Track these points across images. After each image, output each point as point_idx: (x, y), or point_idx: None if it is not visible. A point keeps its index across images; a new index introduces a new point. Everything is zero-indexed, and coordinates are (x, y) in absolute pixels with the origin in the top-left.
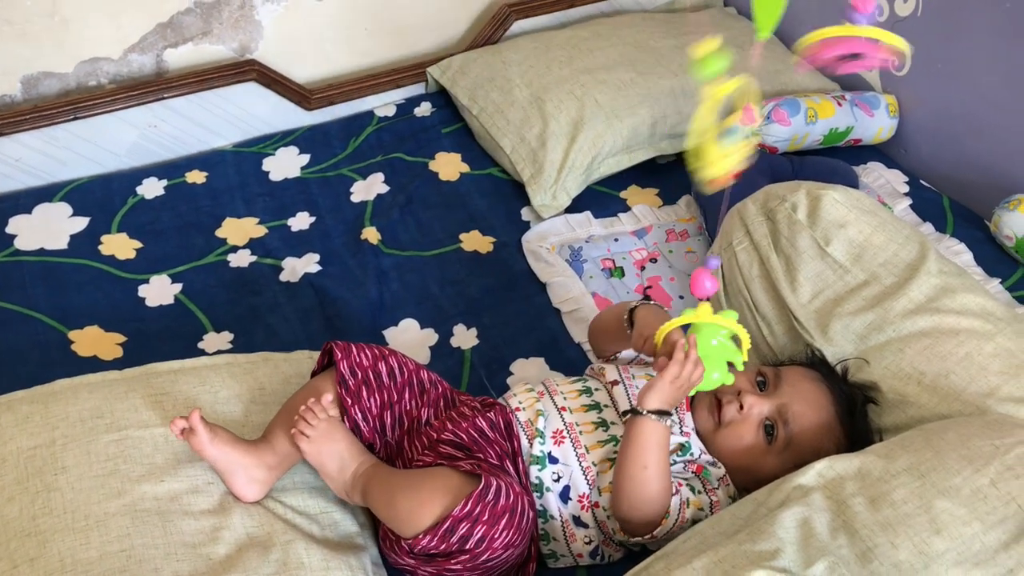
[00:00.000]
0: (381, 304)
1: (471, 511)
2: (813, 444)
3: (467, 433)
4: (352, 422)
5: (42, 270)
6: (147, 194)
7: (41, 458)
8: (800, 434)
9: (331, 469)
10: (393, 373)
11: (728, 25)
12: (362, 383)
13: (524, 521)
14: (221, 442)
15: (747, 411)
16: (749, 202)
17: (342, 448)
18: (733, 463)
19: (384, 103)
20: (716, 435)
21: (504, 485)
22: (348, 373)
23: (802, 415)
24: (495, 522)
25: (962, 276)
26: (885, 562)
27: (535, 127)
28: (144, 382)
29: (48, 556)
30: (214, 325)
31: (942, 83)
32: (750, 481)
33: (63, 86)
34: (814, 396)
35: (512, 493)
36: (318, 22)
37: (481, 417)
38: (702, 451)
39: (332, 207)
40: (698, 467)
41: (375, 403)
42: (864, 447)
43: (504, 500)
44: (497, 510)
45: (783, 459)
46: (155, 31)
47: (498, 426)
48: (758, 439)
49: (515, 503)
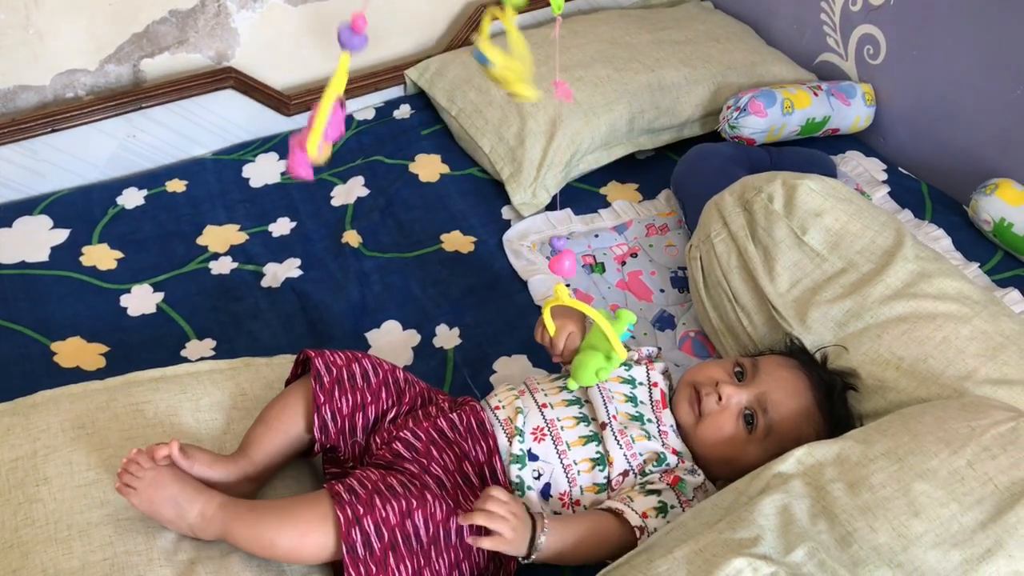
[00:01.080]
0: (363, 307)
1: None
2: (793, 431)
3: (426, 433)
4: (321, 421)
5: (23, 283)
6: (127, 204)
7: (23, 470)
8: (780, 422)
9: (167, 515)
10: (367, 374)
11: (704, 19)
12: (335, 381)
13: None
14: (201, 466)
15: (726, 401)
16: (726, 193)
17: (175, 492)
18: (714, 455)
19: (363, 107)
20: (696, 427)
21: (372, 525)
22: (323, 369)
23: (781, 403)
24: (384, 566)
25: (939, 261)
26: (864, 546)
27: (513, 126)
28: (126, 391)
29: (31, 567)
30: (196, 333)
31: (918, 70)
32: (733, 472)
33: (40, 99)
34: (792, 384)
35: (386, 529)
36: (294, 28)
37: (443, 418)
38: (681, 458)
39: (313, 212)
40: (674, 478)
41: (347, 403)
42: (845, 433)
43: (378, 543)
44: (377, 555)
45: (764, 447)
46: (131, 41)
47: (464, 425)
48: (738, 429)
49: (393, 537)
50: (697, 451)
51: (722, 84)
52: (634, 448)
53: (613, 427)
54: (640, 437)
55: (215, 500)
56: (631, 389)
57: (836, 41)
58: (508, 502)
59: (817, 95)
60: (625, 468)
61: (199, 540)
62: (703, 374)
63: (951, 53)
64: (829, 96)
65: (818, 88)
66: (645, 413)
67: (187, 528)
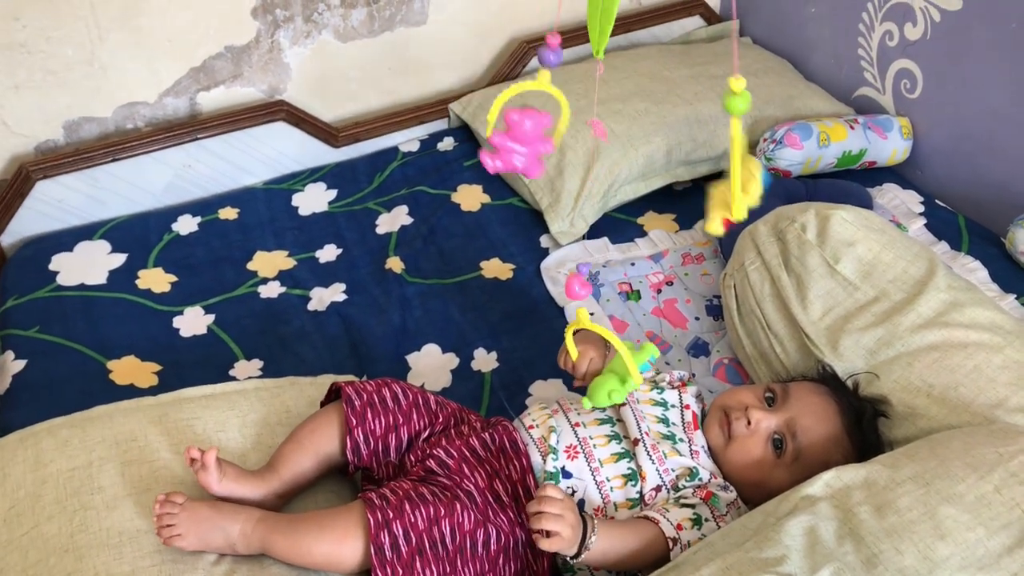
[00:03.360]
0: (404, 330)
1: (388, 572)
2: (822, 456)
3: (458, 451)
4: (353, 443)
5: (82, 304)
6: (182, 230)
7: (79, 479)
8: (809, 447)
9: (218, 544)
10: (397, 397)
11: (742, 54)
12: (367, 404)
13: (446, 550)
14: (228, 482)
15: (755, 426)
16: (760, 224)
17: (214, 518)
18: (744, 477)
19: (408, 139)
20: (726, 450)
21: (401, 529)
22: (355, 395)
23: (810, 428)
24: (410, 569)
25: (971, 291)
26: (890, 567)
27: (553, 157)
28: (176, 407)
29: (84, 570)
30: (245, 353)
31: (954, 103)
32: (761, 496)
33: (102, 130)
34: (822, 409)
35: (414, 534)
36: (343, 63)
37: (475, 437)
38: (712, 474)
39: (358, 239)
40: (707, 493)
41: (380, 425)
42: (876, 455)
43: (406, 546)
44: (404, 559)
45: (792, 472)
46: (188, 75)
47: (496, 445)
48: (767, 453)
49: (420, 542)
50: (727, 474)
51: (759, 117)
52: (667, 464)
53: (646, 443)
54: (672, 453)
55: (253, 516)
56: (663, 411)
57: (873, 75)
58: (564, 500)
59: (854, 128)
60: (658, 483)
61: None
62: (733, 399)
63: (987, 86)
64: (866, 129)
65: (855, 121)
66: (677, 433)
67: (230, 548)
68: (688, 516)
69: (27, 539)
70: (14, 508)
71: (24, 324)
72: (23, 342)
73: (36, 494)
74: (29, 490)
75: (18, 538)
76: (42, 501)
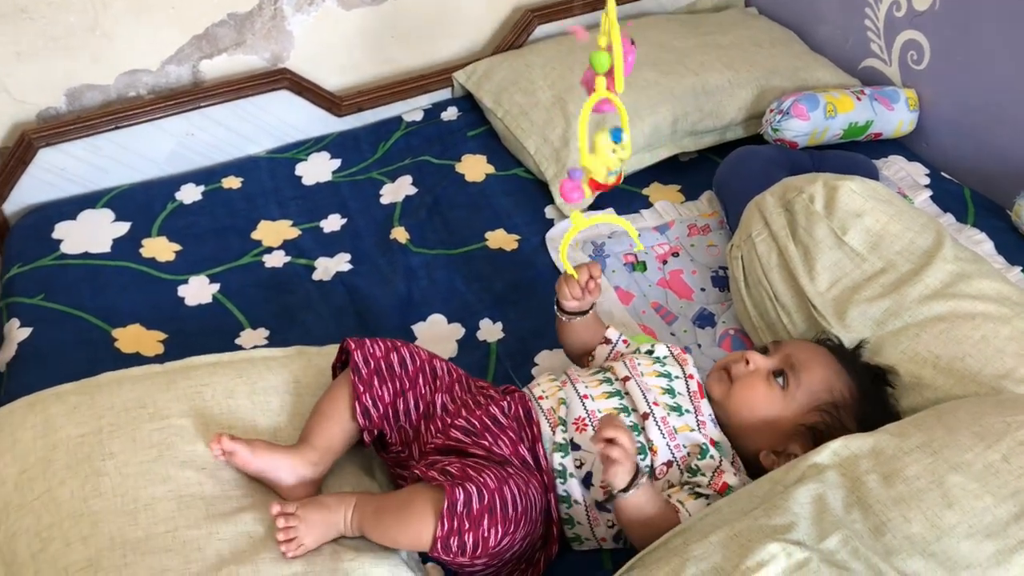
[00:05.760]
0: (410, 300)
1: (449, 527)
2: (825, 384)
3: (480, 420)
4: (362, 407)
5: (87, 272)
6: (185, 199)
7: (89, 445)
8: (810, 376)
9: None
10: (404, 362)
11: (749, 24)
12: (374, 372)
13: (515, 511)
14: (262, 451)
15: (754, 365)
16: (768, 194)
17: (327, 517)
18: (752, 418)
19: (412, 108)
20: (729, 396)
21: (475, 488)
22: (361, 363)
23: (808, 359)
24: (477, 525)
25: (978, 262)
26: (898, 535)
27: (558, 127)
28: (185, 374)
29: (99, 535)
30: (250, 322)
31: (961, 75)
32: (772, 438)
33: (104, 97)
34: (812, 347)
35: (486, 492)
36: (347, 31)
37: (494, 405)
38: (720, 452)
39: (362, 209)
40: (723, 484)
41: (388, 391)
42: (884, 423)
43: (478, 503)
44: (474, 515)
45: (799, 403)
46: (191, 43)
47: (512, 413)
48: (771, 387)
49: (492, 501)
50: (735, 424)
51: (765, 88)
52: (677, 439)
53: (655, 416)
54: (683, 427)
55: (350, 504)
56: (668, 382)
57: (880, 47)
58: (629, 433)
59: (860, 99)
60: (668, 458)
61: (253, 515)
62: (731, 356)
63: (995, 58)
64: (872, 101)
65: (861, 92)
66: (683, 404)
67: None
68: (703, 507)
69: (39, 503)
70: (25, 472)
71: (29, 292)
72: (28, 310)
73: (47, 459)
74: (40, 455)
75: (30, 502)
76: (53, 466)
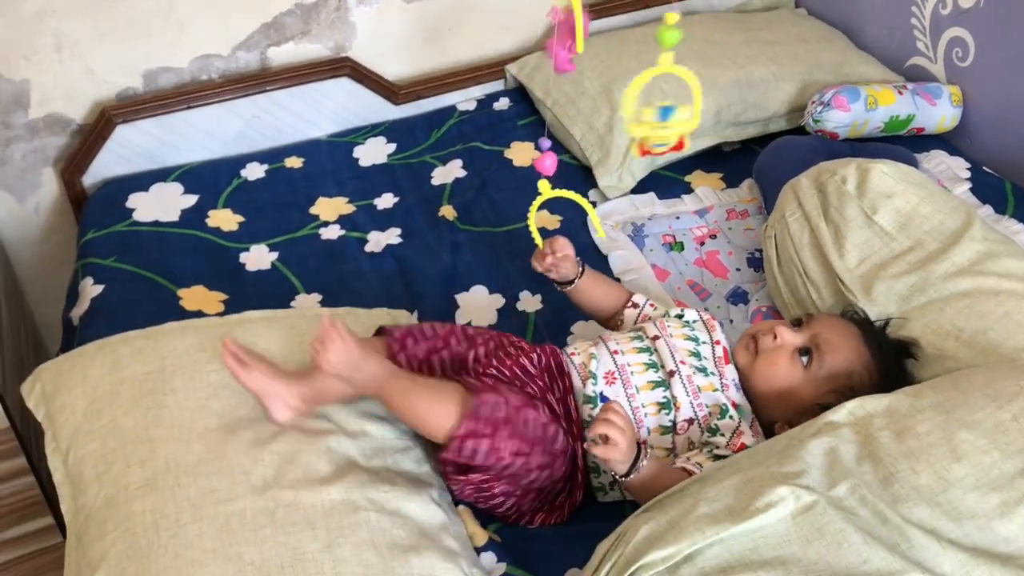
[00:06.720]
0: (454, 271)
1: (467, 430)
2: (846, 366)
3: (510, 369)
4: (397, 361)
5: (156, 238)
6: (250, 176)
7: (153, 381)
8: (833, 358)
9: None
10: (434, 328)
11: (796, 23)
12: (407, 334)
13: (532, 431)
14: (258, 371)
15: (781, 340)
16: (803, 176)
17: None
18: (772, 389)
19: (465, 98)
20: (754, 367)
21: (502, 400)
22: (393, 329)
23: (833, 341)
24: (495, 432)
25: (1007, 243)
26: (906, 485)
27: (603, 115)
28: (240, 326)
29: (155, 459)
30: (305, 288)
31: (1006, 72)
32: (790, 410)
33: (178, 80)
34: (844, 328)
35: (509, 407)
36: (406, 24)
37: (525, 356)
38: (740, 415)
39: (414, 188)
40: (740, 444)
41: (421, 350)
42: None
43: (501, 412)
44: (494, 420)
45: (819, 383)
46: (260, 31)
47: (543, 365)
48: (794, 363)
49: (512, 415)
50: (755, 393)
51: (809, 82)
52: (701, 398)
53: (681, 373)
54: (707, 387)
55: (387, 369)
56: (695, 346)
57: (926, 44)
58: (626, 418)
59: (902, 93)
60: (690, 416)
61: (293, 446)
62: (761, 325)
63: None
64: (914, 95)
65: (904, 87)
66: (708, 367)
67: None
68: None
69: (105, 430)
70: (93, 404)
71: (102, 254)
72: (101, 269)
73: (114, 392)
74: (107, 389)
75: (97, 428)
76: (119, 399)
